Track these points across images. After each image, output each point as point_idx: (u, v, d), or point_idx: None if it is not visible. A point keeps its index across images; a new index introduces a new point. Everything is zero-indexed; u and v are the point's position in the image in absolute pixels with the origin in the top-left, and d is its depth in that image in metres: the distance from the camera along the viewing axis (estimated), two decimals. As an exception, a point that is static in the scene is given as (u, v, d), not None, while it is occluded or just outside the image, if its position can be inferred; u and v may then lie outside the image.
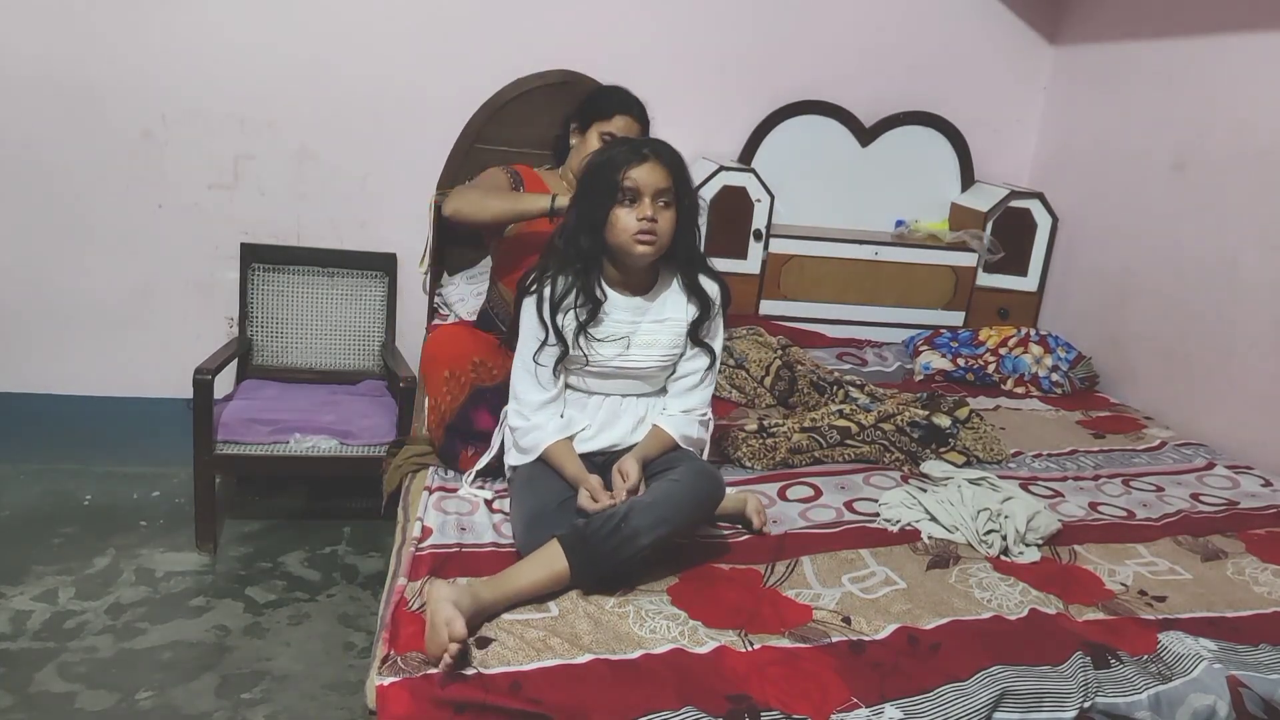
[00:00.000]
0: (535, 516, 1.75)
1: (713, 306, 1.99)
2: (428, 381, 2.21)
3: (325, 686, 2.24)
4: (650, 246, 1.86)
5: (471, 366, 2.17)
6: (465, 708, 1.34)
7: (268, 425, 2.75)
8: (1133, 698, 1.51)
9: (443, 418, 2.12)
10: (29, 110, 2.93)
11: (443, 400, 2.13)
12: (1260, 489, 2.39)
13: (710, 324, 2.00)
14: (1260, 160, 2.62)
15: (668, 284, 1.99)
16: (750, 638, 1.56)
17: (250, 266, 3.09)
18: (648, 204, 1.83)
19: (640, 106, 2.44)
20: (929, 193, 3.55)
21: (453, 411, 2.11)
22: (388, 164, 3.17)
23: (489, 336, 2.37)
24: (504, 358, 2.18)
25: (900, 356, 3.25)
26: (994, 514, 1.99)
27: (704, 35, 3.28)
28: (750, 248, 3.23)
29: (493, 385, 2.15)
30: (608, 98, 2.46)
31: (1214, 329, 2.75)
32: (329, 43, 3.04)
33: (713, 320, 2.00)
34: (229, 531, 2.90)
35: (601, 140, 2.32)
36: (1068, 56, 3.47)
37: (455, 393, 2.13)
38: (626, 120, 2.38)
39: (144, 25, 2.92)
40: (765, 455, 2.31)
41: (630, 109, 2.41)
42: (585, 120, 2.44)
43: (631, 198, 1.84)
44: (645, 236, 1.84)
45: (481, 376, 2.16)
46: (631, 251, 1.86)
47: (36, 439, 3.17)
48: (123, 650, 2.30)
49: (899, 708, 1.42)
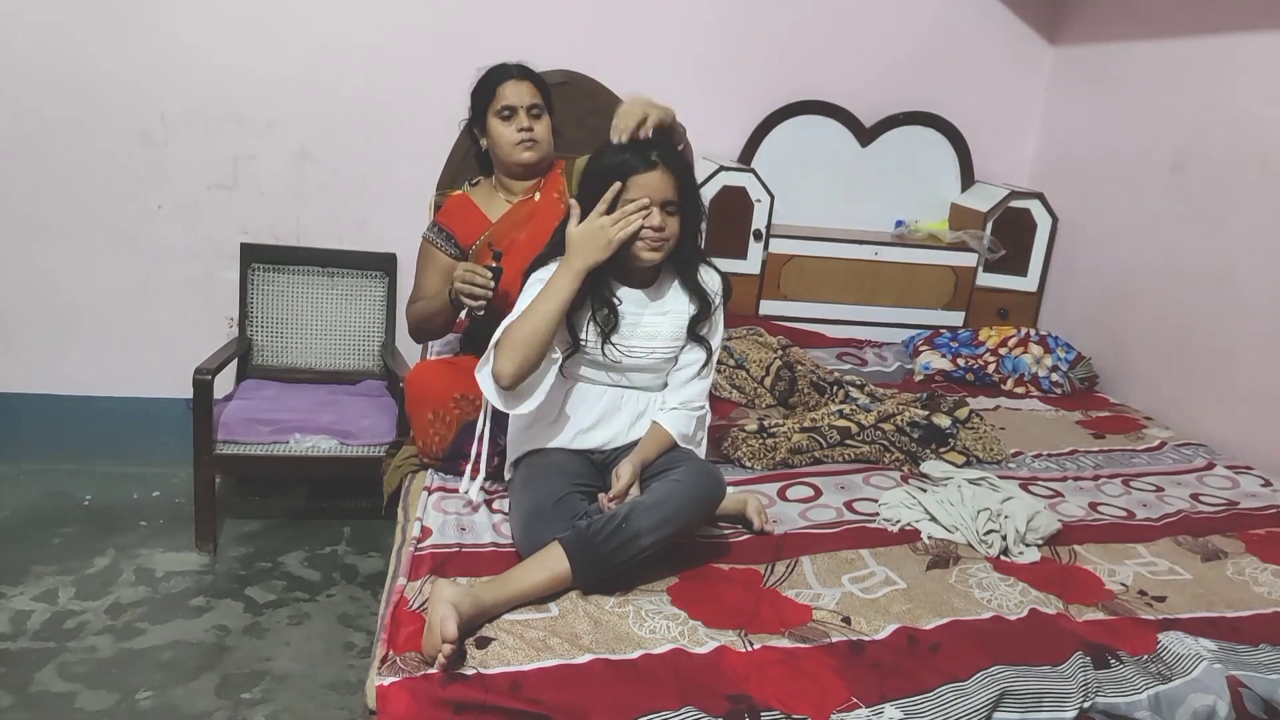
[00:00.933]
0: (533, 514, 1.75)
1: (714, 300, 1.99)
2: (414, 423, 2.14)
3: (325, 686, 2.24)
4: (658, 253, 1.86)
5: (454, 403, 2.09)
6: (465, 708, 1.34)
7: (267, 425, 2.75)
8: (1133, 698, 1.51)
9: (435, 455, 2.11)
10: (29, 110, 2.93)
11: (431, 442, 2.10)
12: (1260, 489, 2.39)
13: (710, 319, 2.00)
14: (1259, 161, 2.62)
15: (671, 277, 1.99)
16: (750, 638, 1.56)
17: (250, 266, 3.09)
18: (656, 213, 1.82)
19: (520, 66, 2.30)
20: (929, 193, 3.55)
21: (444, 449, 2.09)
22: (388, 164, 3.17)
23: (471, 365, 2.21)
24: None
25: (900, 356, 3.25)
26: (994, 514, 1.99)
27: (704, 35, 3.28)
28: (750, 248, 3.23)
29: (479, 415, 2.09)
30: (485, 81, 2.29)
31: (1214, 329, 2.75)
32: (329, 43, 3.04)
33: (714, 314, 2.00)
34: (229, 531, 2.90)
35: (501, 119, 2.23)
36: (1068, 56, 3.47)
37: (443, 433, 2.08)
38: (513, 85, 2.25)
39: (144, 25, 2.92)
40: (765, 455, 2.32)
41: (510, 73, 2.27)
42: (479, 115, 2.30)
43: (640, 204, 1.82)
44: (655, 243, 1.85)
45: (466, 411, 2.08)
46: (640, 257, 1.86)
47: (36, 439, 3.17)
48: (122, 650, 2.30)
49: (899, 708, 1.42)
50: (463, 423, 2.09)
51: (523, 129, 2.23)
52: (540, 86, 2.30)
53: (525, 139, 2.24)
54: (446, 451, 2.10)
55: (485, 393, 1.84)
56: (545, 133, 2.28)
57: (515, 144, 2.24)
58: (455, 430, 2.08)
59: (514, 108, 2.24)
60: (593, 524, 1.66)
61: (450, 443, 2.09)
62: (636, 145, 1.84)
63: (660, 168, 1.83)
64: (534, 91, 2.27)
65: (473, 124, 2.35)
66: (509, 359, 1.77)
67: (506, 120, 2.24)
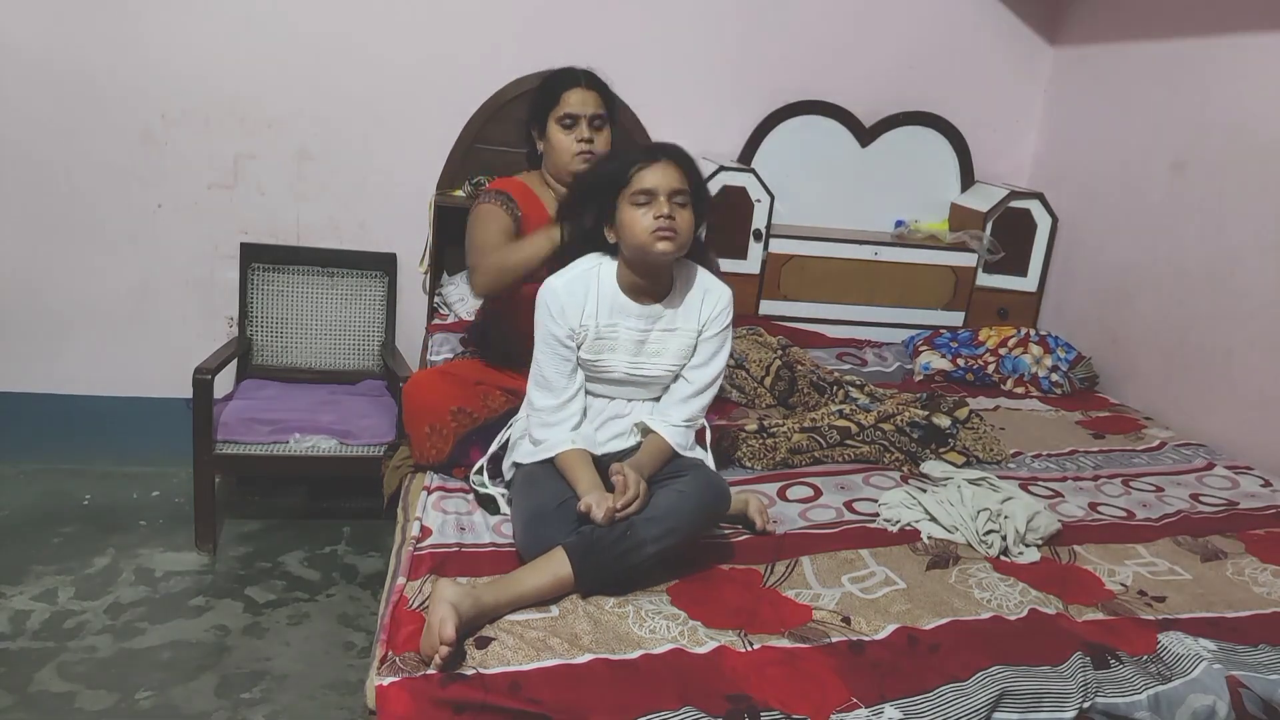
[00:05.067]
0: (535, 516, 1.75)
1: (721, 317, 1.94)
2: (411, 436, 2.12)
3: (325, 686, 2.24)
4: (671, 243, 1.79)
5: (451, 416, 2.08)
6: (465, 708, 1.34)
7: (267, 425, 2.76)
8: (1132, 698, 1.51)
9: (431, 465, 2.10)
10: (29, 110, 2.93)
11: (428, 454, 2.09)
12: (1260, 489, 2.39)
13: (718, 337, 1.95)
14: (1259, 160, 2.62)
15: (681, 293, 1.94)
16: (750, 638, 1.56)
17: (250, 266, 3.09)
18: (663, 202, 1.79)
19: (588, 73, 2.20)
20: (929, 193, 3.55)
21: (441, 460, 2.09)
22: (388, 164, 3.17)
23: (470, 372, 2.23)
24: (484, 399, 2.13)
25: (900, 357, 3.25)
26: (994, 514, 1.98)
27: (704, 35, 3.28)
28: (750, 248, 3.23)
29: (477, 428, 2.09)
30: (550, 83, 2.20)
31: (1214, 329, 2.75)
32: (329, 43, 3.04)
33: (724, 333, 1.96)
34: (229, 531, 2.90)
35: (562, 127, 2.15)
36: (1068, 56, 3.47)
37: (440, 445, 2.08)
38: (579, 93, 2.16)
39: (144, 25, 2.92)
40: (765, 455, 2.31)
41: (578, 80, 2.17)
42: (539, 118, 2.21)
43: (646, 199, 1.80)
44: (665, 233, 1.78)
45: (463, 424, 2.08)
46: (652, 249, 1.79)
47: (36, 439, 3.17)
48: (122, 650, 2.30)
49: (898, 708, 1.42)
50: (460, 435, 2.08)
51: (583, 139, 2.14)
52: (606, 96, 2.20)
53: (584, 150, 2.14)
54: (444, 461, 2.10)
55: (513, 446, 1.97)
56: (605, 145, 2.18)
57: (574, 154, 2.14)
58: (452, 443, 2.08)
59: (577, 117, 2.14)
60: (597, 530, 1.66)
61: (447, 455, 2.09)
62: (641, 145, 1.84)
63: (664, 160, 1.82)
64: (599, 101, 2.17)
65: (531, 123, 2.24)
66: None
67: (568, 129, 2.15)
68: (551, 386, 1.89)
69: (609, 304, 1.89)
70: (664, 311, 1.92)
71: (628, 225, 1.81)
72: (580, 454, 1.84)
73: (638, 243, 1.80)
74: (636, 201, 1.80)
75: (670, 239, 1.79)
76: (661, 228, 1.78)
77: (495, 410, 2.12)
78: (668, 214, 1.78)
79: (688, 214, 1.83)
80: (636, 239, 1.80)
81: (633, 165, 1.82)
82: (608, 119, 2.21)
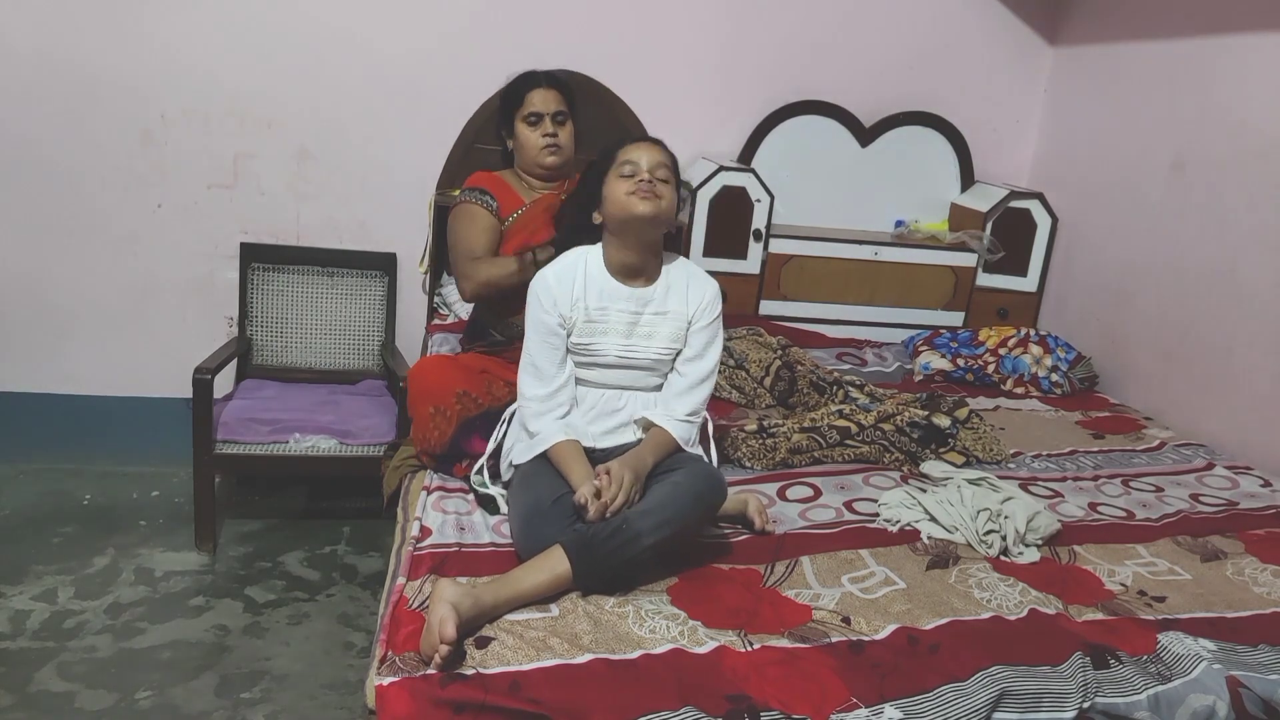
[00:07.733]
0: (532, 514, 1.75)
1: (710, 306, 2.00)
2: (414, 417, 2.16)
3: (325, 686, 2.24)
4: (651, 204, 1.87)
5: (456, 399, 2.12)
6: (465, 708, 1.34)
7: (267, 425, 2.75)
8: (1132, 698, 1.51)
9: (432, 450, 2.12)
10: (29, 110, 2.93)
11: (430, 435, 2.11)
12: (1260, 489, 2.39)
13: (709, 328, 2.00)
14: (1259, 161, 2.62)
15: (670, 277, 2.00)
16: (750, 638, 1.56)
17: (250, 266, 3.09)
18: (645, 172, 1.88)
19: (548, 74, 2.37)
20: (929, 193, 3.55)
21: (442, 445, 2.11)
22: (388, 164, 3.17)
23: (473, 362, 2.29)
24: (488, 386, 2.18)
25: (900, 357, 3.25)
26: (994, 514, 1.99)
27: (704, 35, 3.28)
28: (750, 248, 3.23)
29: (480, 414, 2.13)
30: (514, 87, 2.36)
31: (1213, 329, 2.75)
32: (329, 42, 3.04)
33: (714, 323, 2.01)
34: (229, 531, 2.90)
35: (528, 124, 2.31)
36: (1068, 57, 3.47)
37: (443, 427, 2.10)
38: (541, 92, 2.32)
39: (144, 25, 2.92)
40: (765, 455, 2.31)
41: (539, 81, 2.34)
42: (507, 120, 2.37)
43: (631, 170, 1.89)
44: (645, 193, 1.86)
45: (467, 408, 2.12)
46: (634, 211, 1.87)
47: (36, 439, 3.17)
48: (122, 650, 2.30)
49: (898, 708, 1.42)
50: (463, 419, 2.11)
51: (547, 134, 2.32)
52: (566, 94, 2.37)
53: (550, 144, 2.32)
54: (444, 448, 2.10)
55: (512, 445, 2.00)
56: (568, 138, 2.37)
57: (540, 148, 2.32)
58: (455, 426, 2.10)
59: (540, 114, 2.32)
60: (593, 525, 1.67)
61: (449, 439, 2.10)
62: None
63: (648, 141, 1.96)
64: (560, 99, 2.35)
65: (500, 126, 2.42)
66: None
67: (533, 126, 2.32)
68: (542, 374, 1.93)
69: (598, 287, 1.95)
70: (653, 295, 1.98)
71: (612, 196, 1.90)
72: (572, 446, 1.88)
73: (620, 206, 1.89)
74: (622, 173, 1.90)
75: (650, 199, 1.87)
76: (643, 189, 1.87)
77: (499, 399, 2.16)
78: (648, 179, 1.88)
79: (670, 189, 1.92)
80: (619, 203, 1.89)
81: (619, 146, 1.94)
82: (569, 114, 2.37)
